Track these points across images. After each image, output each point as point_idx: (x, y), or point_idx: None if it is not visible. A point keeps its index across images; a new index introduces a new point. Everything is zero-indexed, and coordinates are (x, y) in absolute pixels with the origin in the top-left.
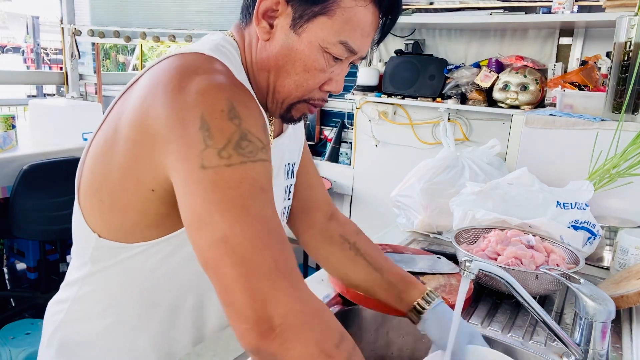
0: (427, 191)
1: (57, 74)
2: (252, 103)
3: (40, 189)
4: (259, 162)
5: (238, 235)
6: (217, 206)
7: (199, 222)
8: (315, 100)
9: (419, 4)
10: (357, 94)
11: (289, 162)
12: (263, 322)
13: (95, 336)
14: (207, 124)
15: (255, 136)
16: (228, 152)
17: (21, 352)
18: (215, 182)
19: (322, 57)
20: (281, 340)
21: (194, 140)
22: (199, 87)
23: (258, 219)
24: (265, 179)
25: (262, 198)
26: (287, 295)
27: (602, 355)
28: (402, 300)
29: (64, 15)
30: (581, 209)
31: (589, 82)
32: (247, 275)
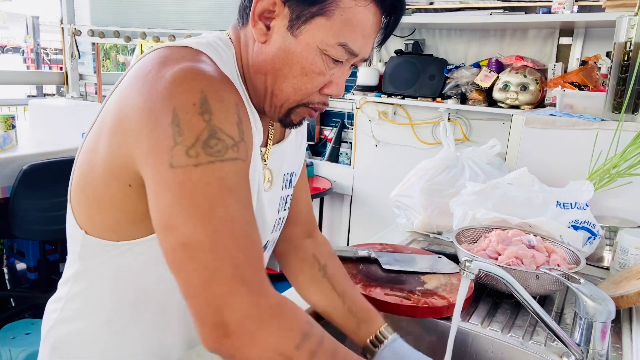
0: (427, 191)
1: (57, 74)
2: (229, 95)
3: (40, 189)
4: (228, 162)
5: (200, 240)
6: (182, 209)
7: (164, 224)
8: (315, 104)
9: (419, 4)
10: (357, 94)
11: (288, 172)
12: (219, 328)
13: (86, 336)
14: (177, 119)
15: (226, 133)
16: (196, 150)
17: (21, 352)
18: (182, 183)
19: (320, 59)
20: (238, 345)
21: (164, 135)
22: (175, 75)
23: (222, 223)
24: (234, 179)
25: (230, 200)
26: (243, 302)
27: (602, 355)
28: (360, 331)
29: (64, 15)
30: (581, 209)
31: (589, 82)
32: (205, 281)
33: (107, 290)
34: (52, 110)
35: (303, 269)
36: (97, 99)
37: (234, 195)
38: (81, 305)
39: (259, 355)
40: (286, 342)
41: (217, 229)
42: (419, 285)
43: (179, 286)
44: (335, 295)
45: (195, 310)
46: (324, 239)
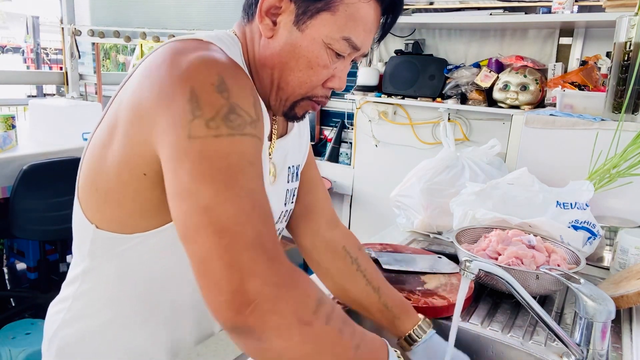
0: (427, 191)
1: (57, 74)
2: (244, 80)
3: (40, 189)
4: (247, 137)
5: (222, 205)
6: (203, 176)
7: (183, 192)
8: (318, 98)
9: (419, 4)
10: (357, 94)
11: (293, 165)
12: (239, 295)
13: (96, 334)
14: (196, 96)
15: (245, 110)
16: (216, 122)
17: (21, 352)
18: (203, 152)
19: (325, 53)
20: (258, 314)
21: (182, 111)
22: (190, 62)
23: (245, 192)
24: (253, 154)
25: (250, 171)
26: (265, 269)
27: (602, 355)
28: (396, 326)
29: (64, 15)
30: (581, 209)
31: (589, 82)
32: (227, 246)
33: (116, 286)
34: (52, 110)
35: (336, 262)
36: (97, 99)
37: (253, 168)
38: (90, 303)
39: (279, 322)
40: (304, 308)
41: (240, 195)
42: (419, 285)
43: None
44: (371, 289)
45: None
46: (347, 229)
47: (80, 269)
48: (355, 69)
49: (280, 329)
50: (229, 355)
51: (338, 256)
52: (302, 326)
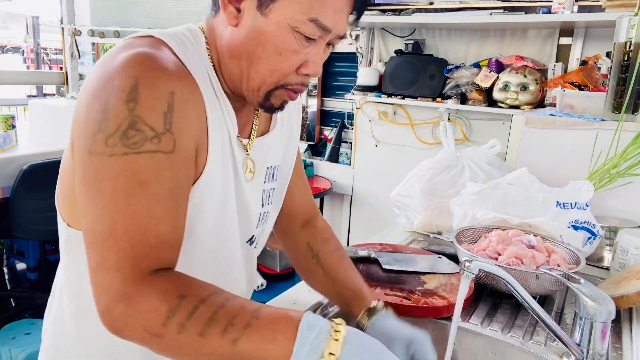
0: (427, 191)
1: (57, 74)
2: (165, 83)
3: (40, 189)
4: (144, 154)
5: (97, 229)
6: (90, 197)
7: (80, 207)
8: (293, 86)
9: (419, 4)
10: (357, 94)
11: (271, 165)
12: (102, 311)
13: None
14: (107, 105)
15: (147, 123)
16: (114, 140)
17: (21, 352)
18: (96, 171)
19: (293, 37)
20: (118, 329)
21: (93, 120)
22: (120, 60)
23: (121, 216)
24: (149, 172)
25: (138, 194)
26: (115, 290)
27: (602, 355)
28: (352, 312)
29: (64, 15)
30: (581, 209)
31: (589, 82)
32: (95, 267)
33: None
34: (52, 110)
35: (299, 258)
36: None
37: (145, 189)
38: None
39: (132, 336)
40: (153, 321)
41: (115, 220)
42: (419, 285)
43: None
44: (328, 280)
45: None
46: (324, 224)
47: (61, 267)
48: (355, 69)
49: (140, 340)
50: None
51: (301, 253)
52: (154, 338)
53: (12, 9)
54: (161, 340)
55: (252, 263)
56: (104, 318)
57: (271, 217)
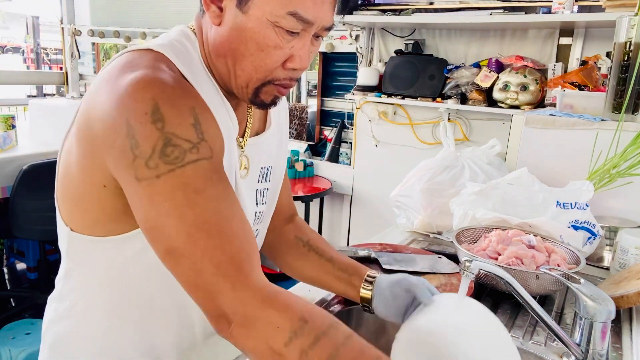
0: (427, 191)
1: (57, 74)
2: (182, 100)
3: (40, 189)
4: (188, 166)
5: (179, 247)
6: (156, 220)
7: (147, 233)
8: (281, 81)
9: (419, 4)
10: (357, 94)
11: (265, 166)
12: (220, 319)
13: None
14: (132, 131)
15: (181, 137)
16: (155, 161)
17: (21, 352)
18: (150, 195)
19: (273, 32)
20: (237, 336)
21: (124, 149)
22: (129, 84)
23: (195, 226)
24: (200, 180)
25: (199, 201)
26: (229, 299)
27: (602, 355)
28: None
29: (64, 15)
30: (581, 209)
31: (589, 82)
32: (194, 282)
33: (94, 288)
34: (52, 110)
35: (289, 250)
36: None
37: (202, 195)
38: (72, 304)
39: (254, 346)
40: (274, 338)
41: (191, 233)
42: None
43: None
44: (324, 261)
45: (198, 304)
46: (302, 221)
47: (64, 270)
48: (355, 69)
49: (256, 352)
50: (229, 355)
51: (291, 244)
52: (274, 355)
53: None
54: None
55: None
56: (218, 323)
57: (266, 218)
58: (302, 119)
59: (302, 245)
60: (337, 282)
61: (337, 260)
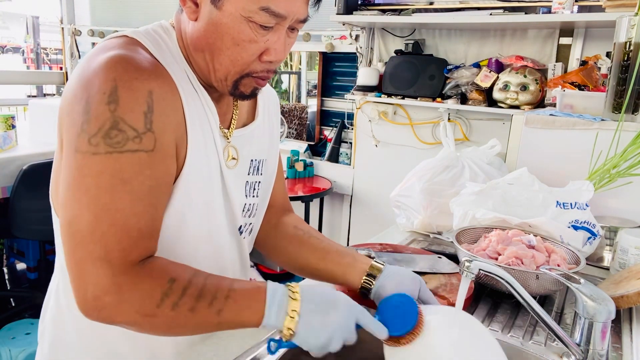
0: (427, 191)
1: (57, 74)
2: (142, 84)
3: (40, 189)
4: (126, 153)
5: (81, 223)
6: (74, 191)
7: (61, 201)
8: (258, 73)
9: (419, 4)
10: (357, 94)
11: (255, 159)
12: (85, 302)
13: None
14: (89, 107)
15: (128, 124)
16: (97, 139)
17: (21, 352)
18: (80, 167)
19: (247, 27)
20: (104, 316)
21: (76, 121)
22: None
23: (105, 211)
24: (131, 170)
25: (121, 190)
26: (107, 282)
27: (602, 355)
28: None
29: (64, 15)
30: (581, 209)
31: (589, 82)
32: (79, 259)
33: None
34: (52, 110)
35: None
36: None
37: (127, 186)
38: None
39: (125, 320)
40: (146, 305)
41: (99, 215)
42: None
43: None
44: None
45: (70, 281)
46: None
47: (58, 265)
48: (355, 69)
49: (129, 322)
50: (229, 355)
51: (290, 235)
52: (146, 318)
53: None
54: (153, 320)
55: (244, 251)
56: (90, 307)
57: (259, 211)
58: (302, 119)
59: (303, 234)
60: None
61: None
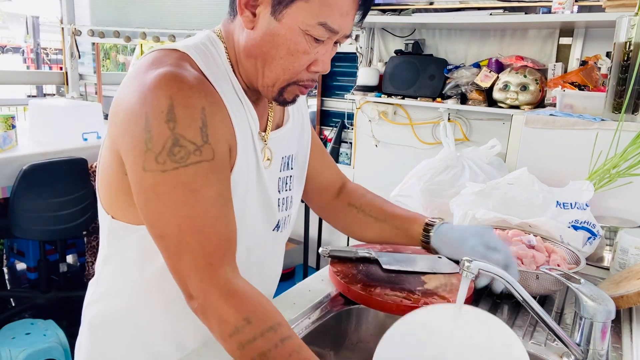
0: (427, 191)
1: (57, 74)
2: (196, 100)
3: (40, 189)
4: (190, 166)
5: (168, 235)
6: (155, 209)
7: (146, 217)
8: (304, 82)
9: (419, 4)
10: (357, 94)
11: (286, 155)
12: (188, 298)
13: (115, 317)
14: (149, 125)
15: (188, 139)
16: (163, 157)
17: (21, 352)
18: (153, 186)
19: (303, 39)
20: (202, 312)
21: (139, 140)
22: (152, 80)
23: (186, 221)
24: (198, 180)
25: (193, 200)
26: (194, 286)
27: (602, 355)
28: (411, 237)
29: (64, 15)
30: (581, 209)
31: (589, 82)
32: (173, 265)
33: (128, 273)
34: (52, 110)
35: (348, 221)
36: (97, 99)
37: (197, 195)
38: (109, 288)
39: (209, 327)
40: (223, 327)
41: (180, 226)
42: (419, 285)
43: None
44: (380, 222)
45: (175, 281)
46: (354, 185)
47: (102, 255)
48: (355, 69)
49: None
50: (230, 355)
51: (346, 213)
52: (220, 338)
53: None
54: (225, 344)
55: (281, 247)
56: (189, 302)
57: (294, 203)
58: None
59: (357, 212)
60: (396, 237)
61: (391, 217)
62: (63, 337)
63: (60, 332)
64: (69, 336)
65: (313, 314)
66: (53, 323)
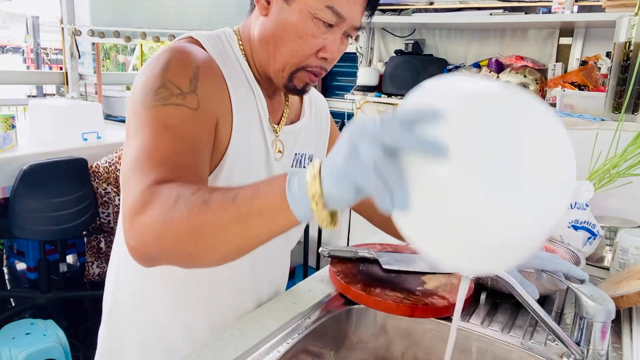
0: None
1: (57, 74)
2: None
3: (40, 189)
4: (170, 106)
5: (125, 161)
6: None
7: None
8: (313, 68)
9: (419, 4)
10: (357, 94)
11: (299, 152)
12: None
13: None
14: (148, 79)
15: (174, 84)
16: (149, 97)
17: (21, 352)
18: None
19: (312, 23)
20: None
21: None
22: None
23: (145, 148)
24: (175, 119)
25: (162, 132)
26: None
27: (602, 355)
28: None
29: (64, 15)
30: (581, 209)
31: (589, 82)
32: (122, 182)
33: None
34: (52, 110)
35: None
36: (97, 99)
37: (170, 130)
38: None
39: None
40: (165, 210)
41: (139, 152)
42: (419, 285)
43: None
44: None
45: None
46: None
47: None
48: (355, 69)
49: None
50: (229, 355)
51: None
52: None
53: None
54: (172, 225)
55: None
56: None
57: None
58: None
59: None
60: None
61: None
62: (63, 337)
63: (60, 332)
64: (69, 336)
65: (313, 314)
66: (53, 323)
